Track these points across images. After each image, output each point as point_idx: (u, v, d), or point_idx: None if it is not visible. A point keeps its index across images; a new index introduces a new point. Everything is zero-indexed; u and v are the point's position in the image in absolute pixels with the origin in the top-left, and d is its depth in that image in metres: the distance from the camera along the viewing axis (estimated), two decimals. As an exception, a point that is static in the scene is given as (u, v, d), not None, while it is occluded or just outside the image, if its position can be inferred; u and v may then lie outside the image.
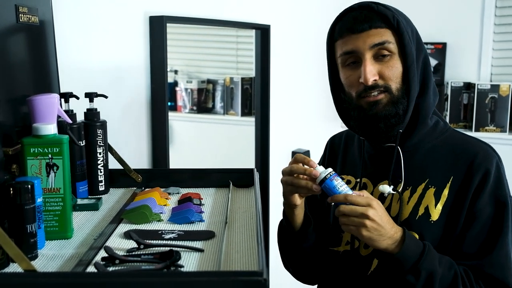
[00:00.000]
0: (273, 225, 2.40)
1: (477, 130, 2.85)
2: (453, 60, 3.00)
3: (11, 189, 0.93)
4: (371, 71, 1.12)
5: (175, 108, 3.03)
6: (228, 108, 2.87)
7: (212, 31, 2.84)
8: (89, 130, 1.34)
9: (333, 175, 1.10)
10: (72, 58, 1.49)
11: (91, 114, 1.35)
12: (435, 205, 1.15)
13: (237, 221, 1.16)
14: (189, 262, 0.94)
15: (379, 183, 1.21)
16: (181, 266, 0.92)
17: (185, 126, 3.02)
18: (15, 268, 0.89)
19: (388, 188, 1.17)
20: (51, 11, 1.34)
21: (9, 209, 0.93)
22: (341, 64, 1.18)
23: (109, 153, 1.40)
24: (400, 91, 1.14)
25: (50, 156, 1.04)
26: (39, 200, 0.99)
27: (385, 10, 1.13)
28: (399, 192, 1.17)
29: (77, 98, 1.34)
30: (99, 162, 1.35)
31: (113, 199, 1.34)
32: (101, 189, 1.36)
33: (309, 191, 1.12)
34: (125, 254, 0.97)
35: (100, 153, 1.35)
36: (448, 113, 2.98)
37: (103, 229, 1.08)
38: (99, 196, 1.34)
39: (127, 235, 1.06)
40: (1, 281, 0.77)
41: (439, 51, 3.01)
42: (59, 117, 1.18)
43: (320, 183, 1.10)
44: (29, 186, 0.94)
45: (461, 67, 2.99)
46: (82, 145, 1.31)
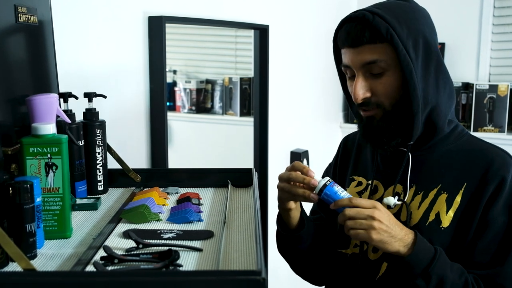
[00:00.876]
0: (272, 224, 2.40)
1: (475, 130, 2.86)
2: (452, 60, 3.00)
3: (10, 188, 0.93)
4: (360, 89, 1.11)
5: (174, 108, 3.03)
6: (226, 108, 2.88)
7: (211, 31, 2.84)
8: (88, 130, 1.34)
9: (332, 182, 1.10)
10: (71, 58, 1.49)
11: (90, 114, 1.36)
12: (447, 212, 1.13)
13: (235, 221, 1.16)
14: (188, 261, 0.95)
15: (389, 187, 1.19)
16: (180, 265, 0.92)
17: (184, 126, 3.03)
18: (14, 267, 0.90)
19: (392, 200, 1.14)
20: (50, 11, 1.34)
21: (9, 208, 0.93)
22: (344, 73, 1.20)
23: (108, 153, 1.40)
24: (394, 106, 1.12)
25: (49, 155, 1.04)
26: (38, 199, 0.99)
27: (380, 22, 1.08)
28: (404, 201, 1.15)
29: (76, 98, 1.35)
30: (98, 162, 1.36)
31: (112, 198, 1.34)
32: (100, 188, 1.37)
33: (306, 200, 1.11)
34: (124, 253, 0.98)
35: (99, 153, 1.36)
36: (446, 113, 2.98)
37: (102, 228, 1.09)
38: (98, 195, 1.34)
39: (126, 235, 1.07)
40: (0, 280, 0.77)
41: (438, 51, 3.02)
42: (58, 117, 1.18)
43: (319, 193, 1.10)
44: (28, 185, 0.94)
45: (459, 67, 2.99)
46: (81, 145, 1.31)
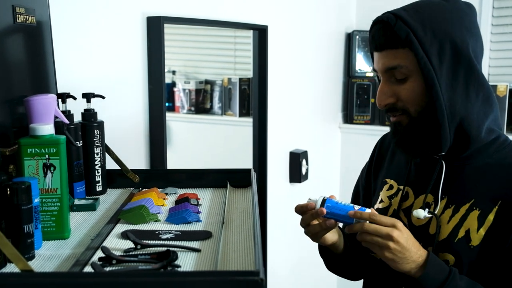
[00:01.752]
0: (271, 225, 2.40)
1: (474, 130, 2.86)
2: (451, 60, 3.00)
3: (8, 189, 0.93)
4: (383, 95, 1.10)
5: (173, 108, 3.02)
6: (226, 108, 2.87)
7: (210, 31, 2.84)
8: (86, 130, 1.34)
9: (328, 199, 1.10)
10: (69, 58, 1.49)
11: (89, 114, 1.36)
12: (477, 230, 1.07)
13: (234, 221, 1.16)
14: (186, 262, 0.95)
15: (420, 195, 1.16)
16: (178, 266, 0.92)
17: (183, 126, 3.02)
18: (12, 268, 0.89)
19: (422, 213, 1.11)
20: (49, 12, 1.34)
21: (6, 209, 0.93)
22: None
23: (106, 154, 1.40)
24: (420, 113, 1.08)
25: (47, 156, 1.04)
26: (36, 200, 0.99)
27: (401, 27, 1.04)
28: (435, 214, 1.11)
29: (74, 98, 1.34)
30: (96, 162, 1.35)
31: (110, 199, 1.34)
32: (99, 189, 1.36)
33: (327, 230, 1.11)
34: (122, 254, 0.97)
35: (97, 154, 1.35)
36: (445, 114, 2.98)
37: (100, 229, 1.08)
38: (96, 196, 1.34)
39: (124, 235, 1.07)
40: (-2, 281, 0.77)
41: (437, 51, 3.01)
42: (56, 117, 1.18)
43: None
44: (26, 186, 0.94)
45: (458, 68, 2.99)
46: (79, 145, 1.31)
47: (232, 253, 0.98)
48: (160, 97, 1.77)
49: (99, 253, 0.97)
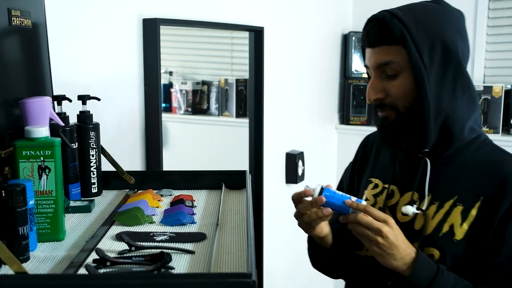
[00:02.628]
0: (267, 226, 2.41)
1: (470, 131, 2.87)
2: (447, 61, 3.01)
3: (3, 191, 0.93)
4: (373, 90, 1.13)
5: (170, 109, 3.03)
6: (222, 109, 2.88)
7: (207, 32, 2.84)
8: (82, 132, 1.34)
9: (325, 187, 1.12)
10: (65, 60, 1.50)
11: (84, 116, 1.36)
12: (461, 224, 1.11)
13: (228, 223, 1.17)
14: (180, 264, 0.95)
15: (405, 193, 1.19)
16: (172, 268, 0.92)
17: (180, 127, 3.03)
18: (6, 270, 0.90)
19: (411, 209, 1.14)
20: (44, 14, 1.34)
21: (1, 211, 0.93)
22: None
23: (102, 155, 1.41)
24: (408, 108, 1.11)
25: (42, 158, 1.05)
26: (31, 202, 1.00)
27: (396, 24, 1.08)
28: (423, 210, 1.14)
29: (70, 100, 1.35)
30: (92, 164, 1.36)
31: (105, 201, 1.34)
32: (94, 191, 1.37)
33: (322, 219, 1.12)
34: (116, 256, 0.98)
35: (93, 155, 1.36)
36: (441, 115, 2.99)
37: (95, 231, 1.09)
38: (91, 198, 1.35)
39: (119, 237, 1.07)
40: (-8, 283, 0.77)
41: (433, 52, 3.02)
42: (51, 120, 1.19)
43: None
44: (21, 188, 0.95)
45: (454, 69, 3.00)
46: (74, 147, 1.31)
47: (225, 255, 0.98)
48: (156, 99, 1.77)
49: (94, 255, 0.97)
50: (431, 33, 1.08)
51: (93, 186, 1.37)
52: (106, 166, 1.42)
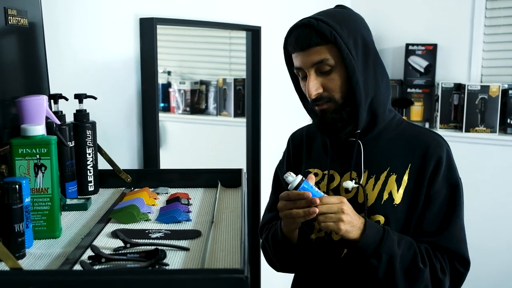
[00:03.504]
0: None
1: (467, 130, 2.88)
2: (444, 61, 3.02)
3: (-1, 189, 0.94)
4: (313, 86, 1.24)
5: (168, 109, 3.03)
6: (221, 109, 2.89)
7: (205, 32, 2.85)
8: (78, 131, 1.35)
9: (305, 180, 1.18)
10: (62, 59, 1.50)
11: (81, 115, 1.37)
12: (397, 190, 1.27)
13: (223, 221, 1.18)
14: (175, 260, 0.96)
15: (345, 174, 1.31)
16: (166, 264, 0.93)
17: (178, 127, 3.03)
18: (1, 266, 0.91)
19: (351, 183, 1.27)
20: (41, 13, 1.35)
21: (-3, 208, 0.94)
22: (297, 75, 1.31)
23: (99, 154, 1.42)
24: (343, 99, 1.25)
25: (38, 156, 1.06)
26: (27, 200, 1.01)
27: (323, 27, 1.21)
28: (361, 184, 1.28)
29: (66, 99, 1.36)
30: (88, 162, 1.37)
31: (102, 199, 1.35)
32: (91, 189, 1.38)
33: (307, 215, 1.16)
34: (112, 253, 0.99)
35: (89, 154, 1.37)
36: (438, 114, 3.00)
37: (91, 228, 1.10)
38: (88, 196, 1.35)
39: (114, 235, 1.08)
40: (-13, 279, 0.78)
41: (430, 52, 3.03)
42: (48, 118, 1.19)
43: (295, 188, 1.16)
44: (17, 186, 0.96)
45: (451, 68, 3.01)
46: (71, 145, 1.32)
47: (219, 251, 0.99)
48: (153, 98, 1.78)
49: (89, 252, 0.98)
50: (352, 31, 1.24)
51: (89, 184, 1.38)
52: (102, 164, 1.43)
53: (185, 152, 2.92)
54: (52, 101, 1.33)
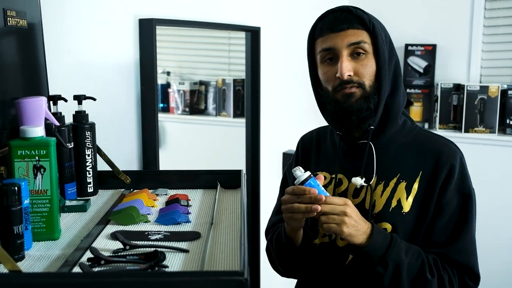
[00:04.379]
0: (264, 225, 2.41)
1: (466, 131, 2.88)
2: (443, 61, 3.02)
3: (-2, 191, 0.94)
4: (346, 67, 1.21)
5: (167, 109, 3.03)
6: (220, 109, 2.88)
7: (204, 32, 2.85)
8: (77, 132, 1.35)
9: (313, 177, 1.17)
10: (61, 60, 1.50)
11: (80, 116, 1.37)
12: (407, 198, 1.24)
13: (223, 222, 1.18)
14: (174, 262, 0.96)
15: (353, 178, 1.28)
16: (166, 266, 0.93)
17: (177, 127, 3.03)
18: (0, 269, 0.91)
19: (360, 180, 1.25)
20: (40, 14, 1.35)
21: (-4, 210, 0.94)
22: (320, 60, 1.27)
23: (98, 155, 1.42)
24: (372, 87, 1.23)
25: (37, 158, 1.06)
26: (26, 201, 1.01)
27: (362, 14, 1.23)
28: (370, 184, 1.25)
29: (65, 100, 1.36)
30: (87, 164, 1.37)
31: (101, 200, 1.35)
32: (90, 190, 1.38)
33: (309, 212, 1.15)
34: (111, 254, 0.99)
35: (88, 155, 1.37)
36: (438, 114, 3.00)
37: (90, 230, 1.10)
38: (87, 197, 1.35)
39: (114, 236, 1.08)
40: (-14, 281, 0.78)
41: (429, 52, 3.03)
42: (47, 119, 1.19)
43: (301, 183, 1.15)
44: (16, 188, 0.95)
45: (450, 69, 3.01)
46: (70, 147, 1.32)
47: (219, 253, 0.99)
48: (152, 99, 1.78)
49: (88, 254, 0.98)
50: (383, 29, 1.26)
51: (89, 185, 1.38)
52: (102, 165, 1.43)
53: (184, 152, 2.91)
54: (51, 102, 1.33)
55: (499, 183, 2.86)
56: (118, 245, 1.04)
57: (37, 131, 1.07)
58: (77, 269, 0.92)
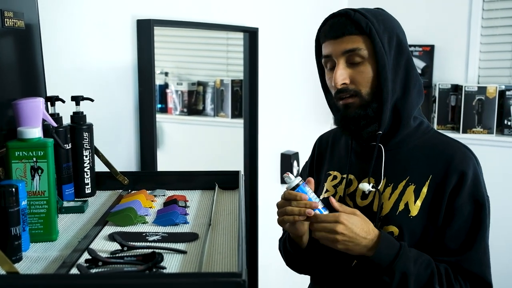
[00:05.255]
0: (262, 226, 2.42)
1: (464, 131, 2.88)
2: (441, 62, 3.02)
3: (-5, 192, 0.94)
4: (341, 75, 1.20)
5: (165, 110, 3.03)
6: (218, 110, 2.88)
7: (202, 33, 2.85)
8: (75, 133, 1.35)
9: (304, 182, 1.17)
10: (59, 61, 1.50)
11: (77, 117, 1.37)
12: (415, 202, 1.21)
13: (220, 223, 1.18)
14: (172, 263, 0.96)
15: (363, 179, 1.28)
16: (163, 267, 0.93)
17: (175, 128, 3.03)
18: (-2, 270, 0.91)
19: (367, 186, 1.24)
20: (37, 15, 1.35)
21: (-7, 212, 0.94)
22: (324, 66, 1.27)
23: (96, 156, 1.41)
24: (370, 95, 1.21)
25: (34, 159, 1.05)
26: (24, 203, 1.00)
27: (360, 18, 1.20)
28: (378, 189, 1.23)
29: (63, 101, 1.35)
30: (85, 165, 1.36)
31: (99, 201, 1.35)
32: (88, 191, 1.38)
33: (302, 216, 1.15)
34: (108, 256, 0.99)
35: (86, 156, 1.37)
36: (436, 115, 3.00)
37: (88, 231, 1.10)
38: (85, 198, 1.35)
39: (111, 237, 1.08)
40: (-17, 283, 0.78)
41: (427, 53, 3.04)
42: (44, 120, 1.19)
43: (292, 189, 1.17)
44: (13, 189, 0.95)
45: (448, 69, 3.01)
46: (68, 148, 1.32)
47: (217, 255, 0.99)
48: (150, 99, 1.77)
49: (86, 255, 0.98)
50: (388, 28, 1.22)
51: (86, 186, 1.37)
52: (99, 166, 1.42)
53: (182, 153, 2.91)
54: (48, 103, 1.33)
55: (497, 183, 2.86)
56: (116, 246, 1.04)
57: (35, 132, 1.06)
58: (74, 271, 0.92)
